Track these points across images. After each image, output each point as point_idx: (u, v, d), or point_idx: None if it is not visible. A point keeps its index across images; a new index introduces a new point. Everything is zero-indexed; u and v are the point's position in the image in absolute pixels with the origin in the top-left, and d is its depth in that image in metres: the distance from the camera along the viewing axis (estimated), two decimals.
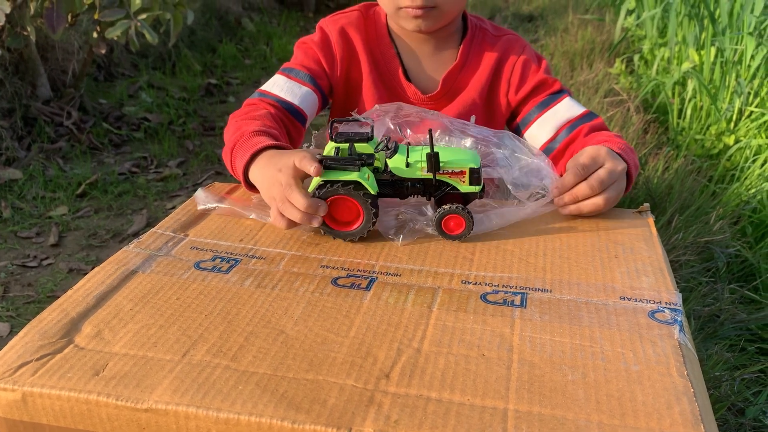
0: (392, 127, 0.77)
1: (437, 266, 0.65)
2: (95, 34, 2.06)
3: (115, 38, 1.92)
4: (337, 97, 0.97)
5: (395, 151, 0.70)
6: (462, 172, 0.70)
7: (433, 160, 0.69)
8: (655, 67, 2.48)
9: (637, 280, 0.63)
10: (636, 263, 0.65)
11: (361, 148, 0.69)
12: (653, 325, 0.56)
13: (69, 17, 1.96)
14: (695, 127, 2.05)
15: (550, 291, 0.61)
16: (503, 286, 0.62)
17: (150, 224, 1.74)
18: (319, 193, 0.68)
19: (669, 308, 0.58)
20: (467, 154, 0.71)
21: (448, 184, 0.70)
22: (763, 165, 1.69)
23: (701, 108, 2.10)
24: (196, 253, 0.68)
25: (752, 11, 2.06)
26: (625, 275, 0.63)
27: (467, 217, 0.69)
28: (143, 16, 1.91)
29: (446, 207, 0.68)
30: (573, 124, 0.89)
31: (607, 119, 1.94)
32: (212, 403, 0.47)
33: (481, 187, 0.71)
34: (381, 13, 0.95)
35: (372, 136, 0.70)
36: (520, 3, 4.38)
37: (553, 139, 0.91)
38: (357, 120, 0.73)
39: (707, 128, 2.04)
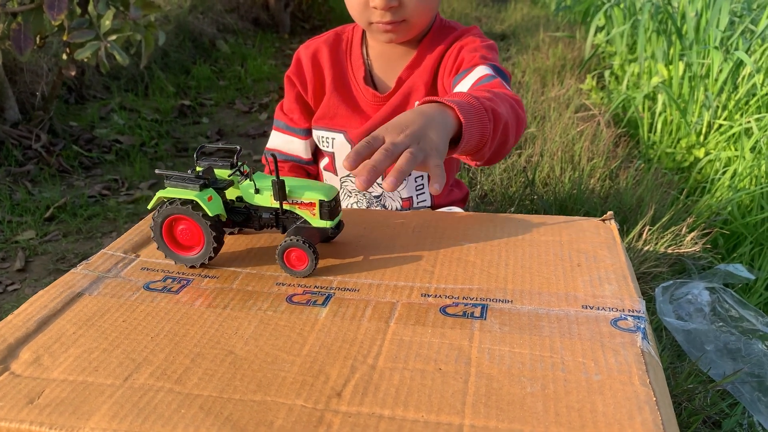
0: None
1: (397, 280, 0.63)
2: (65, 56, 2.03)
3: (85, 60, 1.90)
4: (315, 108, 1.03)
5: (248, 177, 0.67)
6: (311, 204, 0.65)
7: (278, 187, 0.64)
8: (625, 82, 2.51)
9: (599, 288, 0.61)
10: (599, 271, 0.64)
11: (221, 173, 0.67)
12: (615, 334, 0.54)
13: (37, 39, 1.93)
14: (666, 140, 2.07)
15: (511, 301, 0.59)
16: (463, 298, 0.60)
17: None
18: (158, 211, 0.64)
19: (632, 316, 0.57)
20: (322, 186, 0.66)
21: (299, 217, 0.67)
22: (732, 177, 1.71)
23: (671, 122, 2.13)
24: (147, 273, 0.65)
25: (717, 26, 2.10)
26: (588, 283, 0.62)
27: (308, 251, 0.63)
28: (113, 37, 1.90)
29: (288, 239, 0.63)
30: (473, 87, 0.84)
31: (578, 133, 1.95)
32: (152, 428, 0.44)
33: (334, 222, 0.66)
34: (360, 27, 1.00)
35: (236, 164, 0.67)
36: (493, 22, 4.44)
37: None
38: (232, 148, 0.69)
39: (677, 141, 2.06)
